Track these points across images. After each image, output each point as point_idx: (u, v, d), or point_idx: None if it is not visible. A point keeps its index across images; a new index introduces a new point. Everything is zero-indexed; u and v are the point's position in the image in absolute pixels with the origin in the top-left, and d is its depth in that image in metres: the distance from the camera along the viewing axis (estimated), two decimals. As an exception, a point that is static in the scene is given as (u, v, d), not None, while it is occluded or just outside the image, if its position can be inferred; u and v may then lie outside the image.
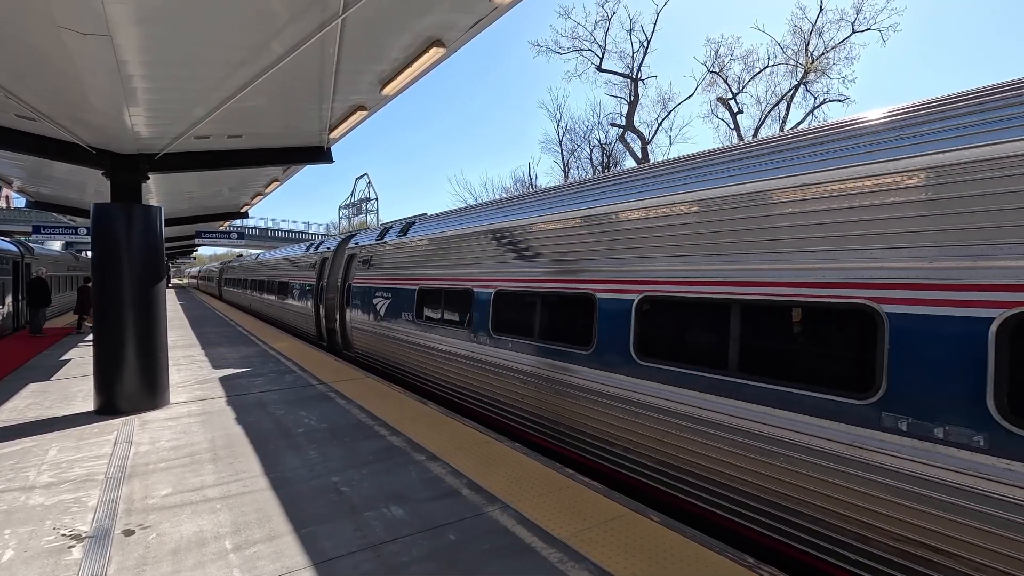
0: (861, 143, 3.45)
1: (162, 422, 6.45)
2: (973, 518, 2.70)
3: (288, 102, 6.08)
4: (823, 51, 29.59)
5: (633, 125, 33.40)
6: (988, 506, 2.65)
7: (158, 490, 4.48)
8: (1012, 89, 2.96)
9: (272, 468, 4.96)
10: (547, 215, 6.03)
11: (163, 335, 7.17)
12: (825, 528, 3.33)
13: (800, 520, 3.46)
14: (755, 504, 3.73)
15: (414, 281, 9.01)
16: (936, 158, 3.03)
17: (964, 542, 2.73)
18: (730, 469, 3.87)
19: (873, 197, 3.26)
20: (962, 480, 2.73)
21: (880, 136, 3.38)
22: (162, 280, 7.17)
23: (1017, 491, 2.56)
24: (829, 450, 3.26)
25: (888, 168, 3.23)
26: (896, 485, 2.97)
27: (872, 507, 3.08)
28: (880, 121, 3.47)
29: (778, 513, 3.58)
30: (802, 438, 3.40)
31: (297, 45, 4.34)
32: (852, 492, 3.16)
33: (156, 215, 7.03)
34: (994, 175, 2.79)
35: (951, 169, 2.96)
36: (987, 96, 3.03)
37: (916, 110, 3.33)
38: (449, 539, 3.63)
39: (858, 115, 3.69)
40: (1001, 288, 2.68)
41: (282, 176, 11.07)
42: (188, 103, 5.77)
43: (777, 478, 3.56)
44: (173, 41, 4.42)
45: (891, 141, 3.31)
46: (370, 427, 6.18)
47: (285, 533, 3.73)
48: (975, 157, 2.88)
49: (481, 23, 4.36)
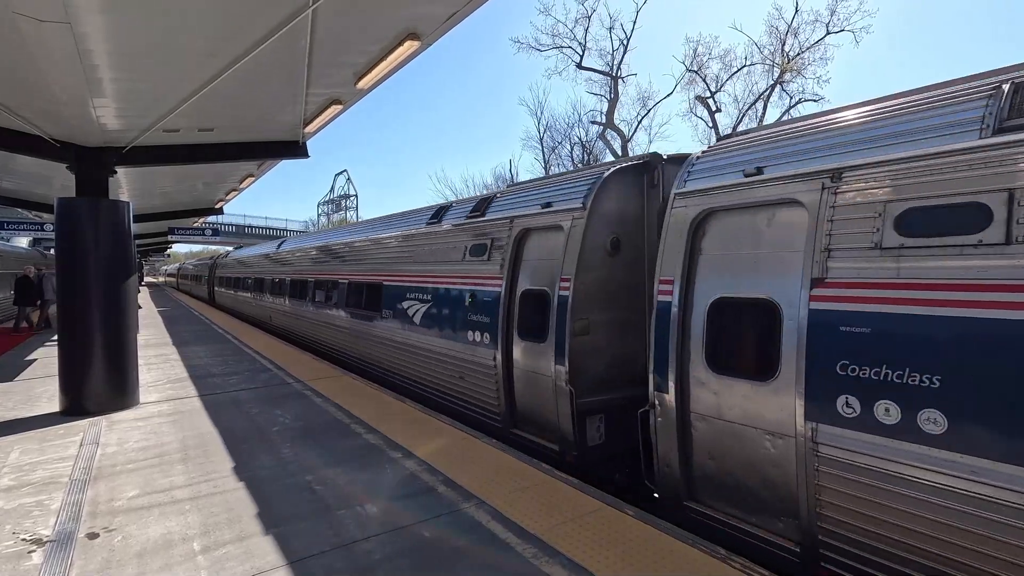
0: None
1: (131, 422, 6.29)
2: None
3: (260, 95, 5.96)
4: (798, 51, 30.11)
5: (613, 123, 33.59)
6: None
7: (125, 492, 4.36)
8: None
9: (245, 468, 4.87)
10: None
11: (132, 334, 6.99)
12: None
13: None
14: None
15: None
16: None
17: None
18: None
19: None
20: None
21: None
22: (132, 277, 6.98)
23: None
24: None
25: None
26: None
27: None
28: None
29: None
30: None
31: (266, 36, 4.25)
32: None
33: (124, 210, 6.84)
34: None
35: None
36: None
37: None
38: (423, 536, 3.60)
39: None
40: None
41: (257, 171, 10.86)
42: (156, 94, 5.62)
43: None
44: (138, 30, 4.29)
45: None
46: (346, 425, 6.11)
47: (256, 533, 3.67)
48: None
49: (457, 15, 4.32)
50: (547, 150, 36.76)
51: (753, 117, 31.56)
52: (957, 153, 2.79)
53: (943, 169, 2.81)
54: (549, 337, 5.38)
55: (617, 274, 5.48)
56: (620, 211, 5.48)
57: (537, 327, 5.62)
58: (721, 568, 3.18)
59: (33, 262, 20.25)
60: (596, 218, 5.28)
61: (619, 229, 5.46)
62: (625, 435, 5.25)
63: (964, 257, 2.67)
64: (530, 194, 6.27)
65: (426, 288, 7.77)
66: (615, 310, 5.48)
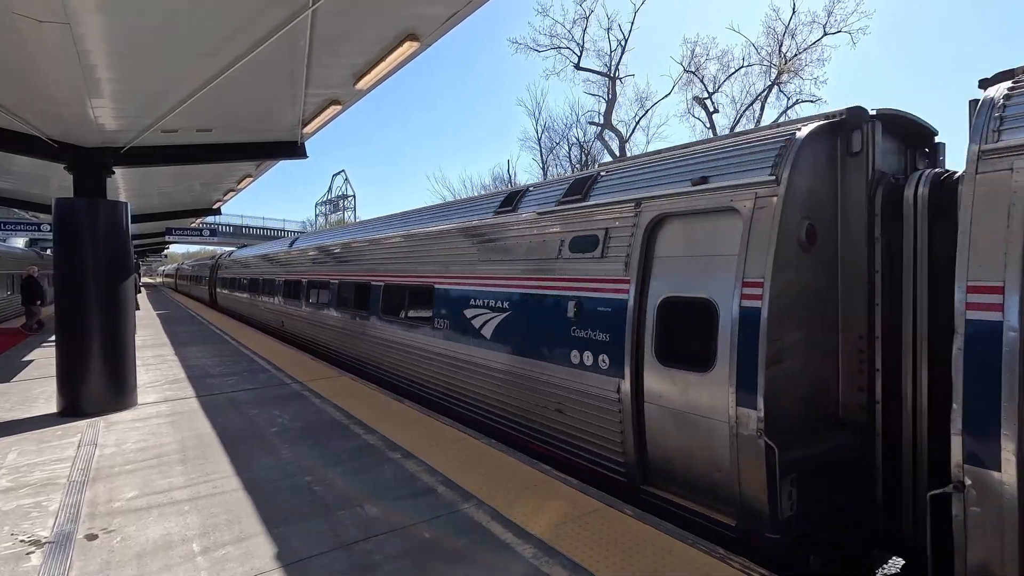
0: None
1: (129, 423, 6.28)
2: None
3: (259, 96, 5.95)
4: (796, 53, 30.17)
5: (611, 123, 33.60)
6: None
7: (123, 493, 4.36)
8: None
9: (244, 468, 4.86)
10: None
11: (130, 335, 6.98)
12: None
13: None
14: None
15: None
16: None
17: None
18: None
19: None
20: None
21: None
22: (130, 278, 6.97)
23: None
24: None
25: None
26: None
27: None
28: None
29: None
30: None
31: (265, 37, 4.25)
32: None
33: (123, 211, 6.83)
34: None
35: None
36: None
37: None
38: (423, 537, 3.61)
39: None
40: None
41: (255, 172, 10.85)
42: (154, 95, 5.61)
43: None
44: (137, 30, 4.28)
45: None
46: (345, 426, 6.10)
47: (256, 534, 3.66)
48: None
49: (457, 16, 4.32)
50: (545, 151, 36.78)
51: (751, 118, 31.64)
52: None
53: None
54: (718, 365, 3.95)
55: (812, 277, 4.06)
56: (813, 189, 4.04)
57: (694, 349, 4.20)
58: (720, 567, 3.19)
59: (30, 262, 20.19)
60: (791, 196, 3.84)
61: (812, 214, 4.00)
62: (823, 501, 3.95)
63: None
64: (660, 168, 4.82)
65: (500, 293, 6.24)
66: (809, 328, 4.04)
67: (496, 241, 6.58)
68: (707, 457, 4.08)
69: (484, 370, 6.43)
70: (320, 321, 11.98)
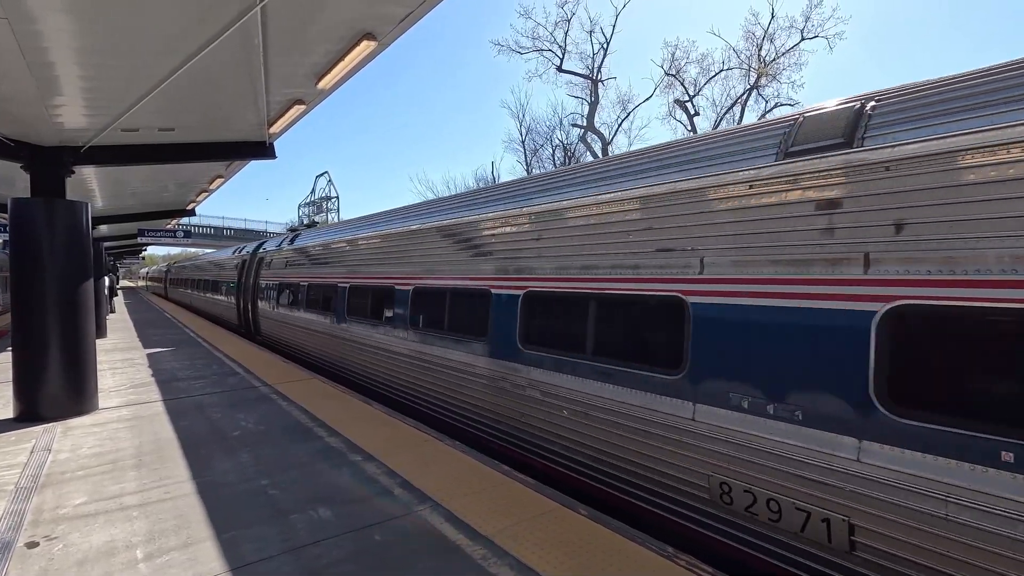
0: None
1: (87, 428, 6.14)
2: None
3: (220, 94, 5.87)
4: (774, 56, 30.59)
5: (594, 126, 33.78)
6: None
7: (72, 499, 4.25)
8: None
9: (200, 473, 4.78)
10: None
11: (90, 338, 6.83)
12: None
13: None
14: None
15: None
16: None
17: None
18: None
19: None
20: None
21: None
22: (89, 280, 6.82)
23: None
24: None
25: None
26: None
27: None
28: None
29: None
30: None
31: (218, 33, 4.19)
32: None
33: (82, 211, 6.68)
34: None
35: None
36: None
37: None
38: (374, 539, 3.57)
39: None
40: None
41: (225, 172, 10.71)
42: (112, 93, 5.50)
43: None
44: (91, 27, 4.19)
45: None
46: (309, 428, 6.03)
47: (203, 539, 3.60)
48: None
49: (412, 16, 4.29)
50: (529, 153, 36.86)
51: (731, 120, 32.00)
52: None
53: None
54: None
55: None
56: None
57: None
58: (667, 566, 3.19)
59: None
60: None
61: None
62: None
63: None
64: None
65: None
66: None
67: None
68: None
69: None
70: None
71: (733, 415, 3.53)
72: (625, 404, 4.24)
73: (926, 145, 2.90)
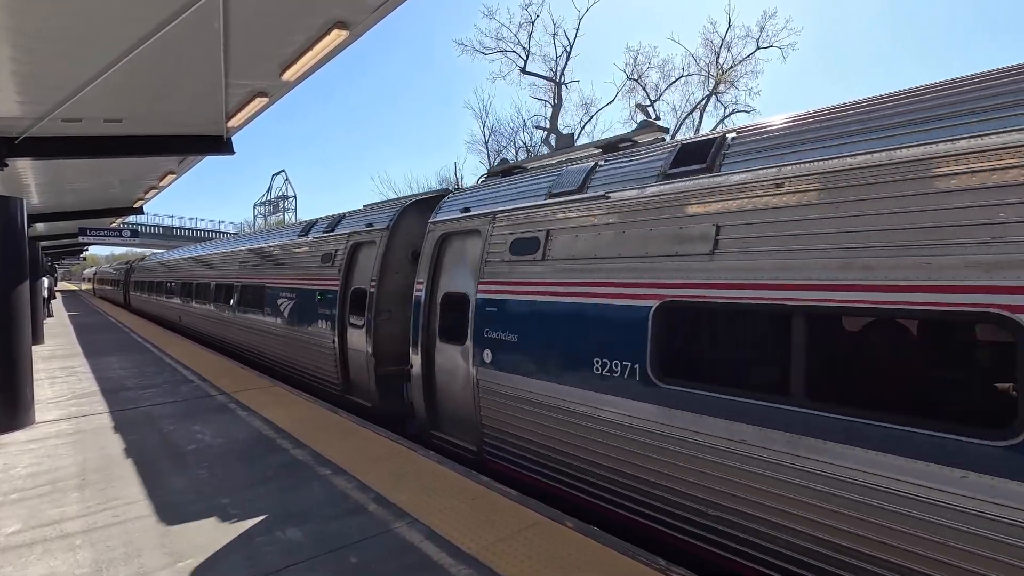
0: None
1: (21, 445, 5.61)
2: None
3: (174, 84, 5.46)
4: (732, 64, 31.46)
5: (557, 128, 33.90)
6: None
7: (3, 527, 3.82)
8: None
9: (153, 493, 4.40)
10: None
11: (26, 344, 6.26)
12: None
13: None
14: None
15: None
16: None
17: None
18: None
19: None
20: None
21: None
22: (25, 282, 6.26)
23: None
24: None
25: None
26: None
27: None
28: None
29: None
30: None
31: (173, 16, 3.85)
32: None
33: (16, 208, 6.11)
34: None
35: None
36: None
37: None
38: (350, 562, 3.32)
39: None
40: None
41: (178, 168, 10.12)
42: (50, 79, 5.03)
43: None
44: (22, 4, 3.79)
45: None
46: (272, 440, 5.68)
47: (158, 569, 3.27)
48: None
49: (387, 5, 4.06)
50: (492, 153, 36.66)
51: (690, 126, 32.71)
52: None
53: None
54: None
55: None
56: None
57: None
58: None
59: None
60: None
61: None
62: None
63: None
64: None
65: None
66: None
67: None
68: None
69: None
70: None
71: None
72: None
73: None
